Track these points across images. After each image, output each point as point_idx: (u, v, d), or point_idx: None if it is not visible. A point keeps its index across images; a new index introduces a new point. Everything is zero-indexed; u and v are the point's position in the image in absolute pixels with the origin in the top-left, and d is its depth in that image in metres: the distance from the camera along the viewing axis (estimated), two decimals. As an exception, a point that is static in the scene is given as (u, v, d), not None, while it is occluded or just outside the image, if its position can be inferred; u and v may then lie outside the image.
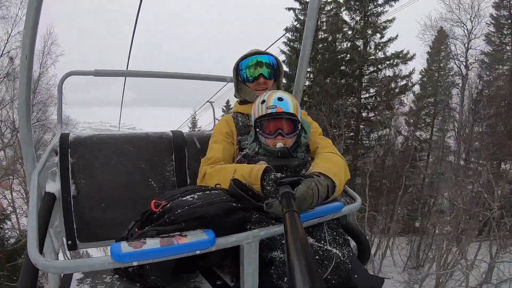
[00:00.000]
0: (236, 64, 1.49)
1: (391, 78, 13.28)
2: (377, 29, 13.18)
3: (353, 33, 13.54)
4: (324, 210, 1.02)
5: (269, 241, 1.02)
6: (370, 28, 13.25)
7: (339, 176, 1.11)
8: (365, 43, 13.47)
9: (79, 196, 1.35)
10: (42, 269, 0.74)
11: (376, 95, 13.78)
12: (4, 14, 12.23)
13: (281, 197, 0.85)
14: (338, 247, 1.06)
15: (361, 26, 13.27)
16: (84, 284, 1.12)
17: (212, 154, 1.29)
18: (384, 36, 13.22)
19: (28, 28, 0.86)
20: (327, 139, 1.38)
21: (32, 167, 1.14)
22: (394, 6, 12.80)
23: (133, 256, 0.74)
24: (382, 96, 13.57)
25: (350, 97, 13.86)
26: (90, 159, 1.38)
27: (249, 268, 0.90)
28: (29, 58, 0.90)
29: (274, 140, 1.21)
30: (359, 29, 13.27)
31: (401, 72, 13.30)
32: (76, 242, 1.35)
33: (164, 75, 1.91)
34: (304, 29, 1.52)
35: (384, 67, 13.38)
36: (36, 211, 0.91)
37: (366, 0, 13.06)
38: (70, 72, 1.74)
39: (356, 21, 13.44)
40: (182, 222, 0.87)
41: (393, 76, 13.32)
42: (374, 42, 13.45)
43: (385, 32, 13.14)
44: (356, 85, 13.59)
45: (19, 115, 1.04)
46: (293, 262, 0.58)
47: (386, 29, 13.03)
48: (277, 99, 1.22)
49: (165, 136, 1.52)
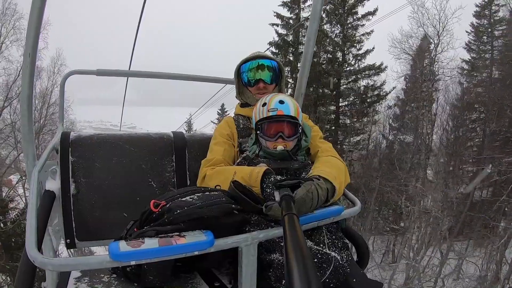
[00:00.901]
0: (237, 67, 1.48)
1: (366, 88, 14.20)
2: (354, 42, 13.97)
3: (332, 46, 14.16)
4: (324, 214, 1.02)
5: (268, 244, 1.02)
6: (349, 41, 14.04)
7: (339, 179, 1.11)
8: (344, 55, 14.25)
9: (79, 195, 1.35)
10: (40, 266, 0.74)
11: (351, 104, 14.66)
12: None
13: (281, 199, 0.85)
14: (337, 250, 1.06)
15: (340, 38, 13.98)
16: (81, 282, 1.11)
17: (213, 156, 1.29)
18: (362, 48, 14.02)
19: (31, 28, 0.87)
20: (328, 142, 1.38)
21: (32, 165, 1.14)
22: (371, 20, 13.62)
23: (131, 255, 0.74)
24: (357, 104, 14.49)
25: (329, 105, 14.69)
26: (91, 158, 1.38)
27: (247, 270, 0.90)
28: (31, 57, 0.90)
29: (275, 143, 1.21)
30: (338, 41, 13.97)
31: (376, 83, 14.19)
32: (75, 241, 1.35)
33: (166, 76, 1.91)
34: (306, 33, 1.53)
35: (361, 78, 14.19)
36: (35, 209, 0.92)
37: (345, 15, 13.75)
38: (73, 71, 1.74)
39: (336, 34, 14.11)
40: (181, 222, 0.87)
41: (368, 86, 14.20)
42: (352, 54, 14.20)
43: (362, 44, 13.93)
44: (334, 94, 14.36)
45: (21, 113, 1.04)
46: (292, 265, 0.58)
47: (363, 42, 13.86)
48: (278, 102, 1.22)
49: (166, 137, 1.52)
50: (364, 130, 14.39)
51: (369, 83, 14.06)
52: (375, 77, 13.95)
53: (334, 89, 14.07)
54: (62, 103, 1.83)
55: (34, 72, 0.97)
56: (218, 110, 21.53)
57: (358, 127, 14.36)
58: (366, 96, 14.08)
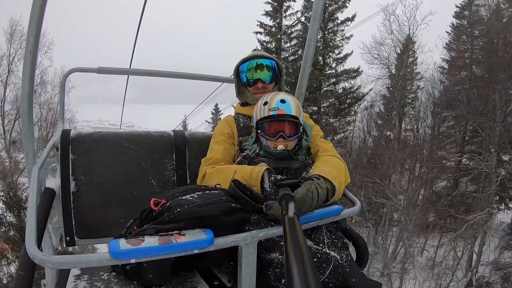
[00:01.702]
0: (236, 66, 1.47)
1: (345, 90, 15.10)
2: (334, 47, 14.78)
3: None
4: (324, 213, 1.02)
5: (267, 243, 1.02)
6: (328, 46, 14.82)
7: (339, 179, 1.11)
8: (324, 59, 14.95)
9: (78, 192, 1.35)
10: (39, 264, 0.74)
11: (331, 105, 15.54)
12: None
13: (281, 199, 0.85)
14: (337, 250, 1.06)
15: (321, 43, 14.57)
16: (81, 280, 1.11)
17: (213, 155, 1.29)
18: (342, 52, 14.89)
19: (32, 26, 0.87)
20: (328, 142, 1.38)
21: (32, 163, 1.14)
22: (350, 25, 14.53)
23: (131, 253, 0.74)
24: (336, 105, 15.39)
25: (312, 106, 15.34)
26: (91, 156, 1.38)
27: (246, 269, 0.90)
28: (32, 54, 0.90)
29: (276, 142, 1.21)
30: (319, 46, 14.50)
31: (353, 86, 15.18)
32: (75, 239, 1.35)
33: (166, 74, 1.91)
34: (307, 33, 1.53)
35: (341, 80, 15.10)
36: (35, 206, 0.92)
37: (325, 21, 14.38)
38: (73, 69, 1.74)
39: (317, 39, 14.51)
40: (181, 221, 0.87)
41: (346, 88, 15.11)
42: (332, 58, 14.96)
43: (342, 48, 14.83)
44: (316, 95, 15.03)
45: (21, 111, 1.04)
46: (291, 264, 0.58)
47: (342, 47, 14.79)
48: (279, 101, 1.22)
49: (166, 135, 1.52)
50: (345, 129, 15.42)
51: (346, 86, 15.17)
52: (352, 80, 15.03)
53: (315, 91, 14.86)
54: (63, 101, 1.83)
55: (35, 70, 0.97)
56: (212, 110, 21.60)
57: (338, 127, 15.33)
58: (346, 97, 15.11)
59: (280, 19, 14.86)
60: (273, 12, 14.71)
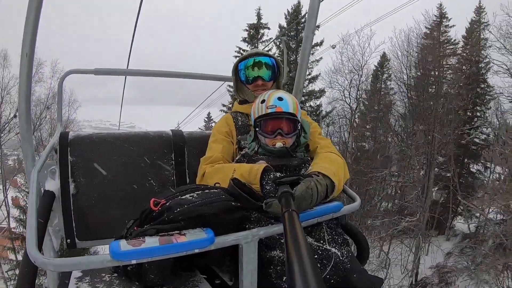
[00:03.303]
0: (235, 65, 1.47)
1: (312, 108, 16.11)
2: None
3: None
4: (323, 210, 1.02)
5: (268, 241, 1.02)
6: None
7: (338, 176, 1.11)
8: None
9: (78, 194, 1.34)
10: (40, 267, 0.74)
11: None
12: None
13: (280, 196, 0.85)
14: (337, 246, 1.06)
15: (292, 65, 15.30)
16: (82, 282, 1.11)
17: (212, 154, 1.29)
18: (311, 73, 15.80)
19: (29, 27, 0.86)
20: (327, 139, 1.38)
21: (31, 165, 1.13)
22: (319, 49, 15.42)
23: (132, 254, 0.74)
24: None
25: None
26: (90, 158, 1.38)
27: (248, 267, 0.90)
28: (29, 56, 0.90)
29: (274, 139, 1.21)
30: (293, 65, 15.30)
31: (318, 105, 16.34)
32: (75, 241, 1.35)
33: (163, 74, 1.91)
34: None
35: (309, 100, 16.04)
36: (35, 209, 0.91)
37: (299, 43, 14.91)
38: (70, 70, 1.73)
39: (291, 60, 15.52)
40: (181, 220, 0.87)
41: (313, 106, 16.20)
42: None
43: (312, 69, 15.76)
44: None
45: (19, 113, 1.03)
46: (292, 261, 0.58)
47: (312, 68, 15.70)
48: (277, 99, 1.22)
49: (165, 135, 1.52)
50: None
51: (312, 105, 16.25)
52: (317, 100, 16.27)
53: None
54: (60, 103, 1.82)
55: (32, 72, 0.96)
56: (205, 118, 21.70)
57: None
58: (315, 114, 16.23)
59: (256, 45, 15.70)
60: (249, 38, 15.73)
